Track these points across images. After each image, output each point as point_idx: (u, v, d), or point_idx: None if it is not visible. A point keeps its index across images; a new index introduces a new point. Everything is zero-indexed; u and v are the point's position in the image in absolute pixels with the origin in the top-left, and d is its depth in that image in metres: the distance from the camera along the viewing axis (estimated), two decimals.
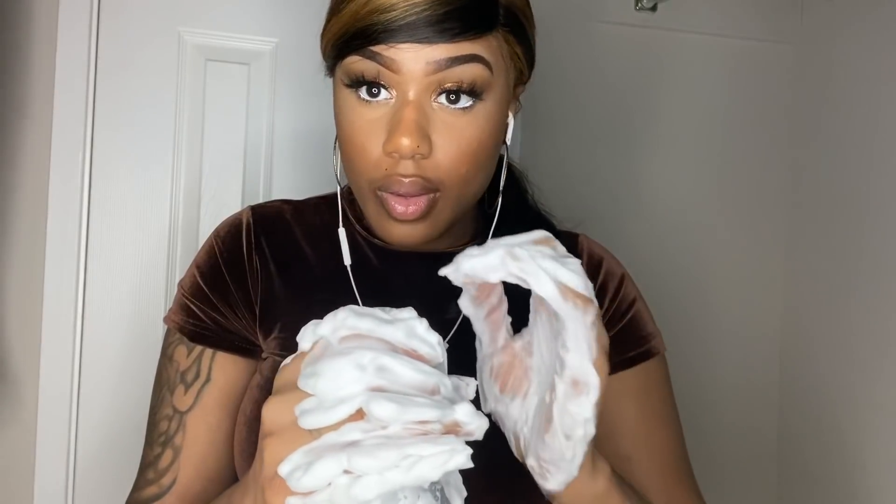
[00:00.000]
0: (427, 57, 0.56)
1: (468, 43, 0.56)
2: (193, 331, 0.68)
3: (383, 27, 0.56)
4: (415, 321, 0.41)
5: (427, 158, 0.57)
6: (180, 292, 0.70)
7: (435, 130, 0.58)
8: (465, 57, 0.57)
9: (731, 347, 1.43)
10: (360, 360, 0.38)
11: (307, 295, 0.69)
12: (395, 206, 0.58)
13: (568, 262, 0.42)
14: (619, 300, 0.72)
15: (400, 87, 0.57)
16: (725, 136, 1.42)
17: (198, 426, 0.66)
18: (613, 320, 0.71)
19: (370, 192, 0.60)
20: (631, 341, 0.71)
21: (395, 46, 0.56)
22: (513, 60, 0.62)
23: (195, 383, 0.67)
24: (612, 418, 0.69)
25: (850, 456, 1.27)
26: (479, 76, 0.57)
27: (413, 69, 0.56)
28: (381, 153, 0.58)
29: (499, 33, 0.59)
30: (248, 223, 0.71)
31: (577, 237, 0.75)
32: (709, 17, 1.40)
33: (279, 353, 0.67)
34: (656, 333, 0.72)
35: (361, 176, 0.60)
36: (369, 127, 0.58)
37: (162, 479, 0.66)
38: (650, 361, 0.71)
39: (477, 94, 0.58)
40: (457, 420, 0.38)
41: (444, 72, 0.56)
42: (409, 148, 0.56)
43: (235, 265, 0.69)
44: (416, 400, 0.38)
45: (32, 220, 1.17)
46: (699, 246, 1.41)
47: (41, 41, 1.17)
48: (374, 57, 0.57)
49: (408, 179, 0.58)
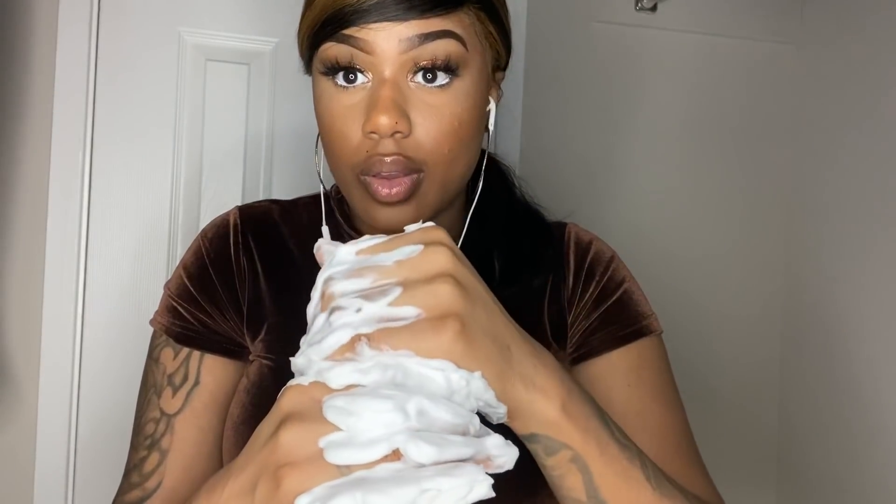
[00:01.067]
0: (399, 35, 0.56)
1: (439, 19, 0.57)
2: (180, 332, 0.67)
3: (353, 8, 0.56)
4: None
5: (407, 137, 0.57)
6: (167, 293, 0.69)
7: (413, 109, 0.58)
8: (437, 33, 0.57)
9: (731, 347, 1.43)
10: (403, 404, 0.38)
11: (293, 295, 0.68)
12: (379, 188, 0.58)
13: (329, 330, 0.41)
14: (607, 280, 0.71)
15: (375, 68, 0.57)
16: (726, 136, 1.42)
17: (187, 429, 0.65)
18: (600, 300, 0.70)
19: (354, 179, 0.60)
20: (620, 320, 0.70)
21: (366, 27, 0.56)
22: (488, 40, 0.62)
23: (183, 386, 0.66)
24: (610, 399, 0.68)
25: (850, 456, 1.27)
26: (453, 52, 0.57)
27: (386, 48, 0.57)
28: (362, 137, 0.58)
29: (470, 10, 0.59)
30: (236, 223, 0.70)
31: (565, 226, 0.75)
32: (709, 17, 1.40)
33: (265, 355, 0.67)
34: (649, 314, 0.71)
35: (344, 162, 0.60)
36: (347, 112, 0.58)
37: (147, 482, 0.65)
38: (643, 341, 0.69)
39: (452, 70, 0.58)
40: (489, 455, 0.38)
41: (417, 49, 0.57)
42: (387, 126, 0.56)
43: (223, 266, 0.69)
44: (452, 439, 0.38)
45: (32, 220, 1.17)
46: (700, 247, 1.41)
47: (41, 41, 1.17)
48: (347, 40, 0.57)
49: (389, 158, 0.57)
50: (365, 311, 0.41)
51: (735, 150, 1.43)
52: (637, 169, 1.39)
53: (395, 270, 0.43)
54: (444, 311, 0.42)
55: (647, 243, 1.38)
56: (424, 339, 0.41)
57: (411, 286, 0.42)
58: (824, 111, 1.38)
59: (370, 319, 0.41)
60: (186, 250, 0.71)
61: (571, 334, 0.70)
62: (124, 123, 1.20)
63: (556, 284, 0.71)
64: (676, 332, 1.38)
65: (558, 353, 0.70)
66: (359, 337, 0.40)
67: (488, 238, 0.70)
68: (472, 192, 0.67)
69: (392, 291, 0.42)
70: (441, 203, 0.62)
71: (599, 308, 0.70)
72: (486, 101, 0.63)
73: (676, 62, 1.40)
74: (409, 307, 0.41)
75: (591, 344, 0.69)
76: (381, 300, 0.41)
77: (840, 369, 1.30)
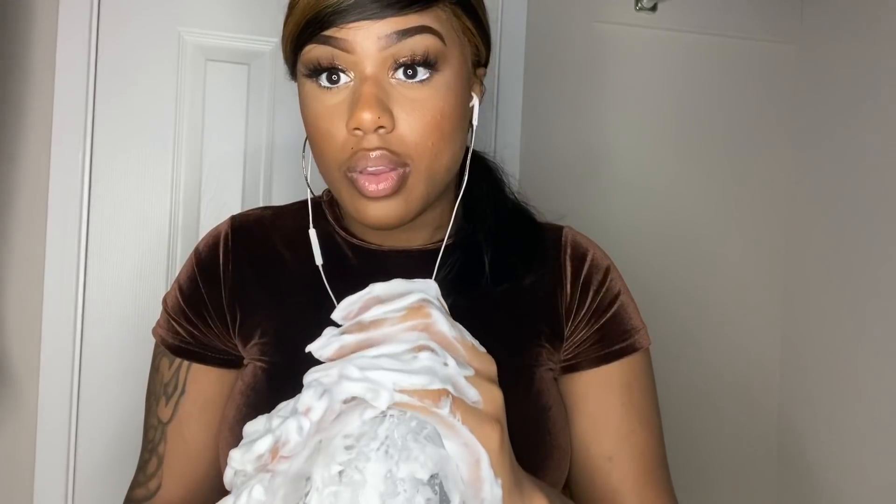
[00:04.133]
0: (378, 32, 0.58)
1: (416, 15, 0.58)
2: (174, 344, 0.70)
3: (332, 9, 0.58)
4: None
5: (391, 133, 0.59)
6: (164, 307, 0.72)
7: (396, 104, 0.59)
8: (414, 28, 0.58)
9: (731, 347, 1.43)
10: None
11: (284, 299, 0.69)
12: (367, 184, 0.59)
13: (415, 361, 0.43)
14: (604, 293, 0.72)
15: (356, 66, 0.59)
16: (726, 136, 1.42)
17: (176, 437, 0.69)
18: (598, 314, 0.71)
19: (342, 177, 0.61)
20: (615, 335, 0.71)
21: (346, 27, 0.58)
22: (465, 35, 0.63)
23: (174, 395, 0.70)
24: (597, 416, 0.69)
25: (850, 456, 1.27)
26: (432, 46, 0.59)
27: (366, 46, 0.58)
28: (347, 134, 0.59)
29: (446, 6, 0.60)
30: (227, 233, 0.72)
31: (561, 229, 0.75)
32: (709, 17, 1.40)
33: (260, 358, 0.68)
34: (641, 327, 0.72)
35: (331, 161, 0.61)
36: (332, 111, 0.60)
37: (149, 482, 0.69)
38: (635, 355, 0.71)
39: (431, 65, 0.59)
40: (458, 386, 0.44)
41: (396, 45, 0.58)
42: (370, 121, 0.57)
43: (210, 277, 0.71)
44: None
45: (32, 220, 1.17)
46: (700, 247, 1.41)
47: (41, 41, 1.17)
48: (328, 41, 0.58)
49: (374, 154, 0.58)
50: (448, 369, 0.43)
51: (735, 150, 1.43)
52: (637, 168, 1.39)
53: (473, 355, 0.46)
54: (495, 413, 0.45)
55: (647, 243, 1.38)
56: (482, 427, 0.44)
57: (480, 375, 0.45)
58: (824, 111, 1.38)
59: (447, 378, 0.43)
60: (183, 265, 0.74)
61: (567, 345, 0.71)
62: (124, 123, 1.20)
63: (552, 288, 0.72)
64: (676, 333, 1.38)
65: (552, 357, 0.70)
66: (447, 393, 0.43)
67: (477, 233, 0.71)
68: (460, 188, 0.68)
69: (467, 368, 0.45)
70: (428, 196, 0.63)
71: (595, 322, 0.71)
72: (469, 95, 0.64)
73: (676, 62, 1.40)
74: (475, 390, 0.44)
75: (583, 356, 0.71)
76: (460, 369, 0.44)
77: (840, 369, 1.30)
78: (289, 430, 0.42)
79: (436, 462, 0.41)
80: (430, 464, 0.40)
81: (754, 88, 1.43)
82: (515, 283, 0.71)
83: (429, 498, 0.41)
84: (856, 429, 1.26)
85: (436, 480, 0.42)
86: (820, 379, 1.35)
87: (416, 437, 0.41)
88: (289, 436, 0.42)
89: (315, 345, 0.45)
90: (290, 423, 0.42)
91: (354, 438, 0.41)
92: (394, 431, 0.41)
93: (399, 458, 0.40)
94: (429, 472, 0.40)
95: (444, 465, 0.41)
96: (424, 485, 0.41)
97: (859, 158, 1.29)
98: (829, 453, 1.31)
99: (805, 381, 1.39)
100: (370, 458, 0.40)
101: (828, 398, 1.33)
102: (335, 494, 0.40)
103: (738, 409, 1.42)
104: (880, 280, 1.23)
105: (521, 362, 0.68)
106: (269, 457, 0.42)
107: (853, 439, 1.27)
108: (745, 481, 1.42)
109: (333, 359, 0.44)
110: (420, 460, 0.40)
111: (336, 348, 0.44)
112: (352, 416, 0.41)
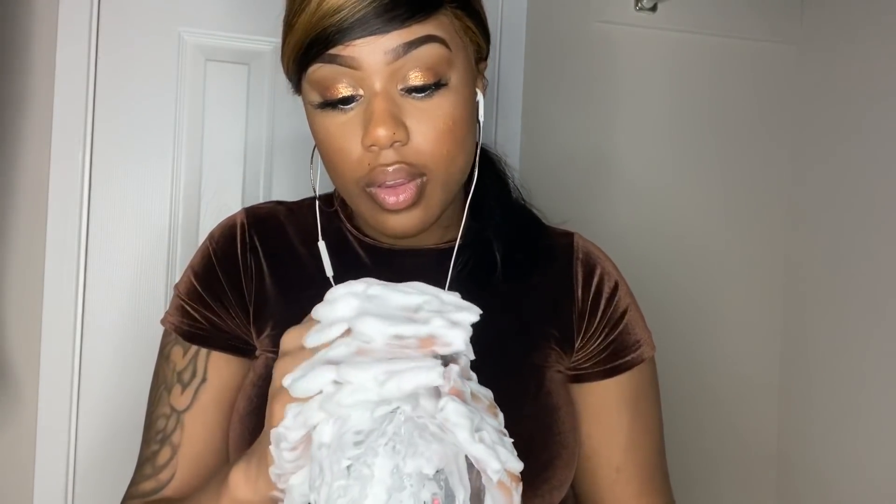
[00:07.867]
0: (384, 47, 0.57)
1: (419, 25, 0.58)
2: (189, 331, 0.69)
3: (336, 28, 0.57)
4: None
5: (406, 145, 0.58)
6: (176, 294, 0.72)
7: (408, 116, 0.59)
8: (420, 39, 0.58)
9: (731, 347, 1.43)
10: (355, 289, 0.44)
11: (298, 293, 0.70)
12: (386, 197, 0.59)
13: (505, 441, 0.43)
14: (613, 308, 0.73)
15: (365, 83, 0.58)
16: (726, 136, 1.42)
17: (195, 425, 0.68)
18: (607, 328, 0.72)
19: (360, 192, 0.61)
20: (623, 348, 0.72)
21: (351, 44, 0.57)
22: (468, 35, 0.63)
23: (192, 383, 0.68)
24: (605, 427, 0.71)
25: (850, 456, 1.27)
26: (439, 55, 0.58)
27: (373, 62, 0.57)
28: (362, 151, 0.59)
29: (448, 10, 0.60)
30: (243, 224, 0.72)
31: (571, 236, 0.76)
32: (709, 17, 1.40)
33: (271, 350, 0.68)
34: (646, 337, 0.73)
35: (348, 178, 0.61)
36: (344, 129, 0.60)
37: (160, 474, 0.68)
38: (641, 365, 0.72)
39: (441, 75, 0.59)
40: (431, 333, 0.42)
41: (403, 58, 0.58)
42: (386, 137, 0.57)
43: (229, 266, 0.70)
44: (398, 317, 0.42)
45: (32, 219, 1.17)
46: (700, 247, 1.41)
47: (41, 41, 1.17)
48: (335, 60, 0.58)
49: (392, 168, 0.58)
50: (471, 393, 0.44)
51: (735, 150, 1.43)
52: (637, 168, 1.39)
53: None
54: None
55: (647, 242, 1.38)
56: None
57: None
58: (824, 112, 1.38)
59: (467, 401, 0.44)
60: (195, 253, 0.73)
61: (577, 356, 0.72)
62: (124, 123, 1.20)
63: (561, 292, 0.72)
64: (676, 333, 1.38)
65: (562, 360, 0.71)
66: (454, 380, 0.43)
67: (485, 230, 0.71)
68: (469, 185, 0.68)
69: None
70: (445, 202, 0.64)
71: (607, 335, 0.72)
72: (475, 93, 0.65)
73: (676, 62, 1.40)
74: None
75: (592, 368, 0.72)
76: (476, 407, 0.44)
77: (840, 370, 1.30)
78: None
79: (441, 458, 0.41)
80: (435, 459, 0.41)
81: (754, 88, 1.43)
82: (523, 282, 0.71)
83: (434, 493, 0.41)
84: (856, 429, 1.26)
85: (441, 476, 0.43)
86: (820, 379, 1.35)
87: (423, 434, 0.42)
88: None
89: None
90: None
91: (364, 434, 0.41)
92: (401, 428, 0.42)
93: (406, 453, 0.41)
94: (434, 467, 0.41)
95: (450, 462, 0.42)
96: (430, 480, 0.42)
97: (860, 159, 1.29)
98: (829, 454, 1.31)
99: (805, 381, 1.39)
100: (378, 453, 0.41)
101: (828, 399, 1.33)
102: (344, 488, 0.41)
103: (738, 409, 1.42)
104: (880, 280, 1.23)
105: (533, 362, 0.69)
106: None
107: (853, 440, 1.27)
108: (745, 482, 1.42)
109: None
110: (426, 456, 0.41)
111: None
112: (362, 412, 0.42)
